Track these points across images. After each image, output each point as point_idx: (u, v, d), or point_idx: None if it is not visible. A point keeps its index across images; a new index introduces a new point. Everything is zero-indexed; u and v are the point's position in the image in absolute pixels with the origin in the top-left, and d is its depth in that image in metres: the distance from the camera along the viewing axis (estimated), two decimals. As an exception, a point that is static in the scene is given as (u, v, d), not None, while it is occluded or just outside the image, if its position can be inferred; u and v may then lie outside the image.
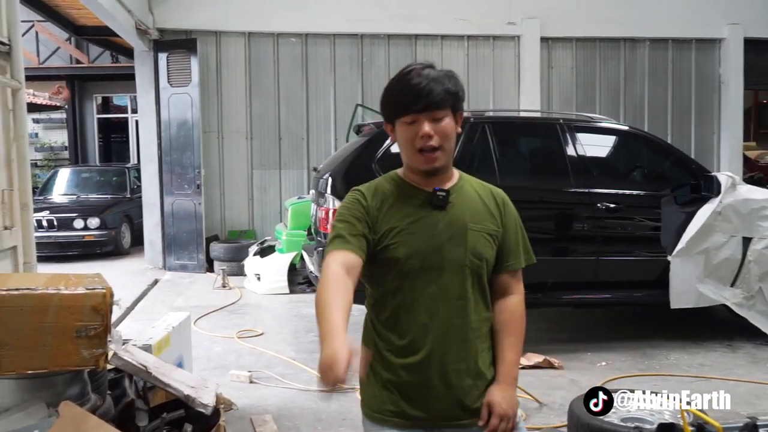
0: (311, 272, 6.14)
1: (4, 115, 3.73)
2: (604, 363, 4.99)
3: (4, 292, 2.15)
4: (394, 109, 1.79)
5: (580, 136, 5.43)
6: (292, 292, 7.53)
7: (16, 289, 2.18)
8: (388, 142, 5.19)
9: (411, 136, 1.77)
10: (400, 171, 1.90)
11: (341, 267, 1.69)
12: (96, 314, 2.27)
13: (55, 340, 2.23)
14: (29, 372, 2.23)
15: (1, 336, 2.15)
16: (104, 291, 2.30)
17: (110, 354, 2.44)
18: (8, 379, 2.29)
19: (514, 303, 1.92)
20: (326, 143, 9.33)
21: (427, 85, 1.73)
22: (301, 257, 7.11)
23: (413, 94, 1.74)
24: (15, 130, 3.76)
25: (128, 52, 11.51)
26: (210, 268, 8.74)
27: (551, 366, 4.86)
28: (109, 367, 2.66)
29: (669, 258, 5.11)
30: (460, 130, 1.84)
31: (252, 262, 7.91)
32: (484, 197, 1.90)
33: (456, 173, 1.91)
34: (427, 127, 1.74)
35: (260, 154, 9.28)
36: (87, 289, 2.27)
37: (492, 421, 1.76)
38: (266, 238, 8.78)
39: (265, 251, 8.17)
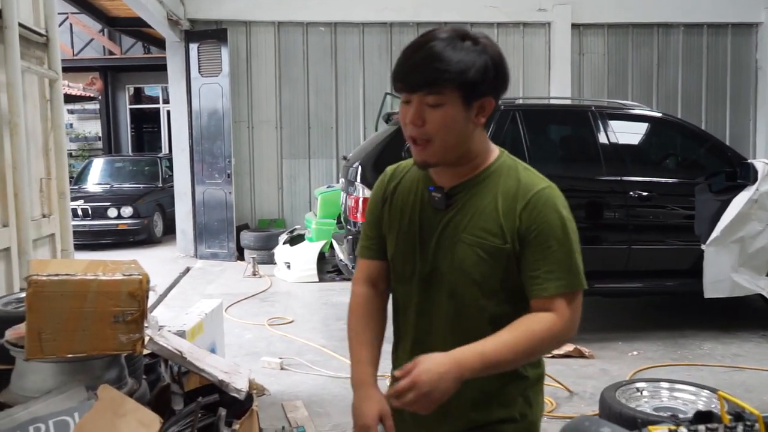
0: (341, 261, 6.18)
1: (41, 106, 3.81)
2: (635, 352, 4.94)
3: (44, 278, 2.20)
4: (392, 82, 1.45)
5: (612, 123, 5.37)
6: (321, 280, 7.58)
7: (56, 275, 2.23)
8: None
9: (403, 119, 1.43)
10: None
11: (366, 284, 1.62)
12: (133, 300, 2.31)
13: (94, 325, 2.27)
14: (69, 356, 2.28)
15: (42, 321, 2.20)
16: (141, 277, 2.34)
17: (146, 339, 2.49)
18: (49, 363, 2.34)
19: (536, 317, 1.42)
20: (355, 132, 9.35)
21: (431, 61, 1.35)
22: (331, 246, 7.16)
23: (405, 69, 1.40)
24: (52, 120, 3.85)
25: (160, 43, 11.64)
26: (240, 257, 8.84)
27: (581, 355, 4.83)
28: (144, 352, 2.72)
29: (703, 247, 5.03)
30: (483, 121, 1.45)
31: (282, 251, 7.98)
32: (503, 198, 1.45)
33: (490, 159, 1.51)
34: (411, 113, 1.40)
35: (290, 143, 9.34)
36: (124, 275, 2.32)
37: (401, 384, 1.30)
38: (296, 226, 8.84)
39: (295, 240, 8.23)
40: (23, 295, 2.98)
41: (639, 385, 3.40)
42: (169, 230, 10.67)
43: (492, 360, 1.35)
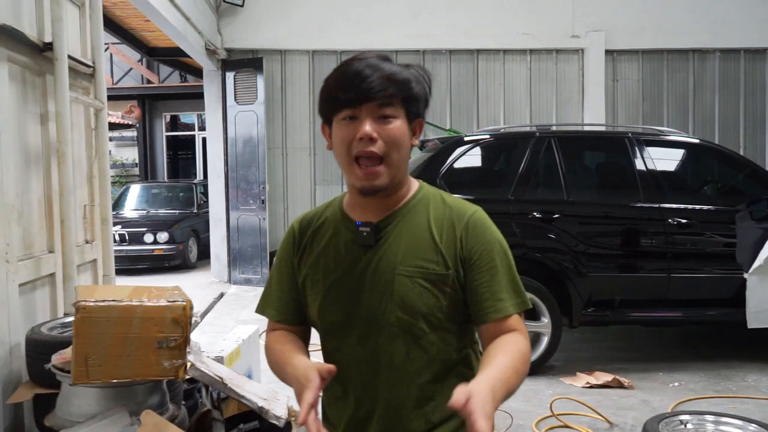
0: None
1: (87, 134, 3.91)
2: (676, 383, 4.83)
3: (92, 304, 2.24)
4: (328, 102, 1.34)
5: (649, 149, 5.32)
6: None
7: (103, 301, 2.27)
8: (453, 156, 5.21)
9: (347, 137, 1.31)
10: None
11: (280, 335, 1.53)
12: (176, 326, 2.34)
13: (138, 350, 2.31)
14: (114, 381, 2.32)
15: (88, 346, 2.24)
16: (184, 303, 2.37)
17: (188, 365, 2.51)
18: (94, 388, 2.38)
19: (511, 337, 1.35)
20: (388, 158, 9.38)
21: (374, 71, 1.29)
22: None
23: (353, 79, 1.29)
24: (96, 148, 3.95)
25: (196, 72, 11.90)
26: (274, 282, 8.86)
27: (621, 385, 4.73)
28: (185, 377, 2.74)
29: (745, 275, 4.91)
30: (416, 143, 1.39)
31: (315, 277, 7.98)
32: (436, 225, 1.39)
33: (412, 189, 1.44)
34: (368, 126, 1.29)
35: (323, 169, 9.41)
36: (168, 301, 2.35)
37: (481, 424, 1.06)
38: (329, 252, 8.86)
39: (328, 266, 8.25)
40: (68, 320, 3.04)
41: (683, 417, 3.32)
42: (204, 255, 10.79)
43: (510, 386, 1.25)
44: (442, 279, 1.36)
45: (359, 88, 1.28)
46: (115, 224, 10.31)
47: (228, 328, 5.99)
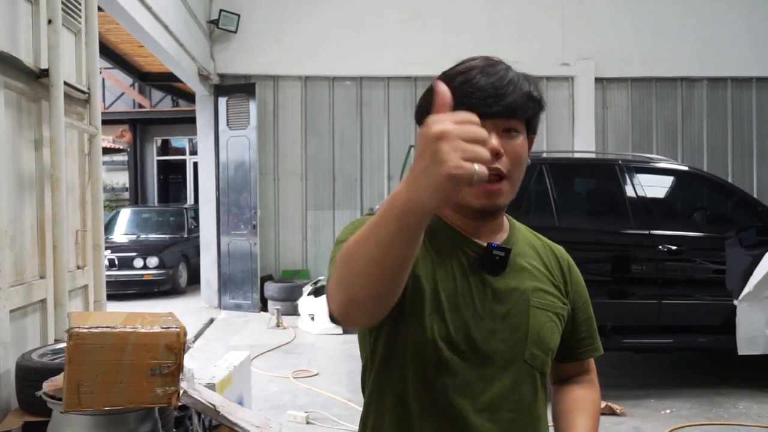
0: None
1: (80, 159, 3.91)
2: (668, 410, 4.83)
3: (85, 330, 2.23)
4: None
5: (639, 176, 5.37)
6: (345, 332, 7.53)
7: (97, 327, 2.26)
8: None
9: None
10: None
11: None
12: (170, 353, 2.33)
13: (131, 377, 2.29)
14: (106, 409, 2.29)
15: (81, 373, 2.22)
16: (178, 330, 2.36)
17: (181, 392, 2.49)
18: (85, 416, 2.35)
19: (587, 384, 1.40)
20: (379, 184, 9.44)
21: (508, 81, 1.16)
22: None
23: (490, 88, 1.15)
24: (90, 174, 3.95)
25: (188, 97, 11.96)
26: (264, 308, 8.84)
27: (613, 412, 4.73)
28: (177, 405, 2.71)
29: (735, 302, 4.95)
30: (529, 161, 1.25)
31: (306, 302, 7.97)
32: (545, 258, 1.33)
33: (506, 220, 1.32)
34: (495, 141, 1.14)
35: (315, 194, 9.43)
36: (162, 327, 2.34)
37: None
38: (320, 278, 8.85)
39: (319, 291, 8.21)
40: (59, 346, 3.02)
41: (676, 445, 3.31)
42: (194, 280, 10.74)
43: None
44: (563, 315, 1.31)
45: (504, 103, 1.15)
46: (104, 249, 10.23)
47: (218, 354, 5.95)
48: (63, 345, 2.66)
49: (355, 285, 0.94)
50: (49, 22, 3.36)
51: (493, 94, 1.14)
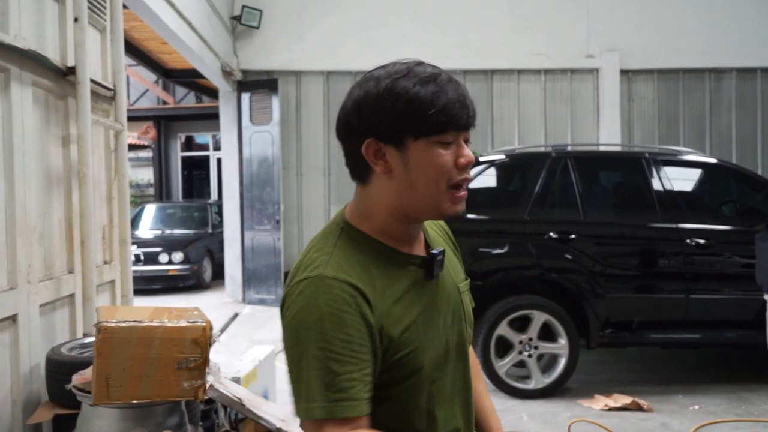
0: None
1: (106, 155, 3.96)
2: (696, 406, 4.76)
3: (113, 324, 2.25)
4: (422, 120, 1.13)
5: (667, 169, 5.30)
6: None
7: (124, 322, 2.28)
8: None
9: (447, 163, 1.16)
10: (348, 223, 1.23)
11: None
12: (196, 347, 2.35)
13: (158, 371, 2.31)
14: (134, 402, 2.32)
15: (109, 367, 2.25)
16: (204, 324, 2.38)
17: (207, 385, 2.51)
18: (114, 409, 2.38)
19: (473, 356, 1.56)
20: (402, 179, 9.40)
21: (466, 91, 1.19)
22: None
23: (461, 99, 1.16)
24: (116, 170, 3.98)
25: (211, 93, 12.02)
26: (288, 302, 8.87)
27: (640, 408, 4.68)
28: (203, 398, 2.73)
29: (765, 297, 4.86)
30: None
31: (330, 297, 7.97)
32: (442, 235, 1.41)
33: None
34: (468, 152, 1.20)
35: (338, 190, 9.45)
36: (189, 322, 2.36)
37: None
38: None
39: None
40: (87, 340, 3.06)
41: (705, 441, 3.27)
42: (218, 275, 10.83)
43: None
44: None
45: (472, 114, 1.19)
46: (131, 244, 10.34)
47: (243, 348, 5.98)
48: (91, 339, 2.69)
49: None
50: (75, 20, 3.39)
51: (463, 105, 1.16)
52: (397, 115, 1.14)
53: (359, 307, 1.11)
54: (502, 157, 5.56)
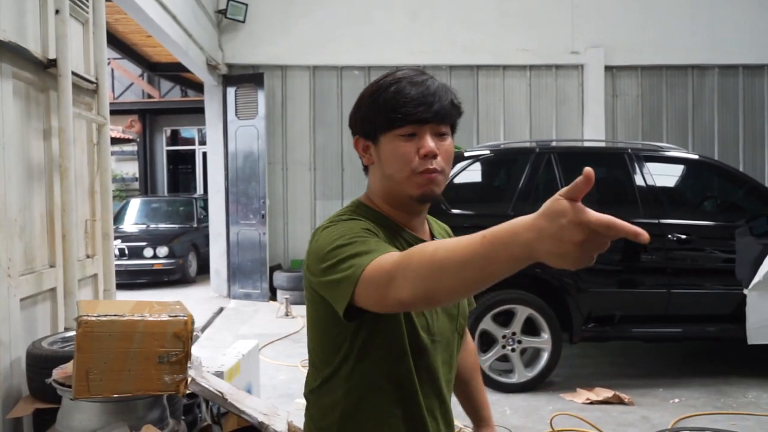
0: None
1: (89, 149, 3.93)
2: (677, 400, 4.82)
3: (94, 318, 2.25)
4: (385, 117, 1.33)
5: (649, 165, 5.34)
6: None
7: (105, 316, 2.28)
8: (453, 172, 5.22)
9: (407, 154, 1.32)
10: (362, 203, 1.44)
11: None
12: (178, 341, 2.35)
13: (139, 365, 2.31)
14: (115, 396, 2.32)
15: (90, 361, 2.24)
16: (186, 318, 2.37)
17: (189, 380, 2.51)
18: (94, 403, 2.38)
19: (470, 340, 1.70)
20: (388, 174, 9.41)
21: (436, 90, 1.33)
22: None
23: (420, 97, 1.31)
24: (99, 164, 3.96)
25: (197, 87, 11.97)
26: (273, 297, 8.88)
27: (621, 402, 4.73)
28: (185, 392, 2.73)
29: (745, 291, 4.92)
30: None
31: (315, 291, 7.98)
32: (448, 232, 1.61)
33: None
34: (431, 143, 1.32)
35: (323, 184, 9.44)
36: (170, 316, 2.36)
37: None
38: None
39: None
40: (68, 334, 3.05)
41: (684, 434, 3.32)
42: (203, 270, 10.79)
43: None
44: None
45: (435, 108, 1.32)
46: (114, 239, 10.28)
47: (227, 343, 5.98)
48: (72, 333, 2.68)
49: (440, 290, 1.05)
50: (57, 12, 3.36)
51: (423, 102, 1.31)
52: (368, 114, 1.37)
53: (377, 234, 1.30)
54: (486, 152, 5.58)
